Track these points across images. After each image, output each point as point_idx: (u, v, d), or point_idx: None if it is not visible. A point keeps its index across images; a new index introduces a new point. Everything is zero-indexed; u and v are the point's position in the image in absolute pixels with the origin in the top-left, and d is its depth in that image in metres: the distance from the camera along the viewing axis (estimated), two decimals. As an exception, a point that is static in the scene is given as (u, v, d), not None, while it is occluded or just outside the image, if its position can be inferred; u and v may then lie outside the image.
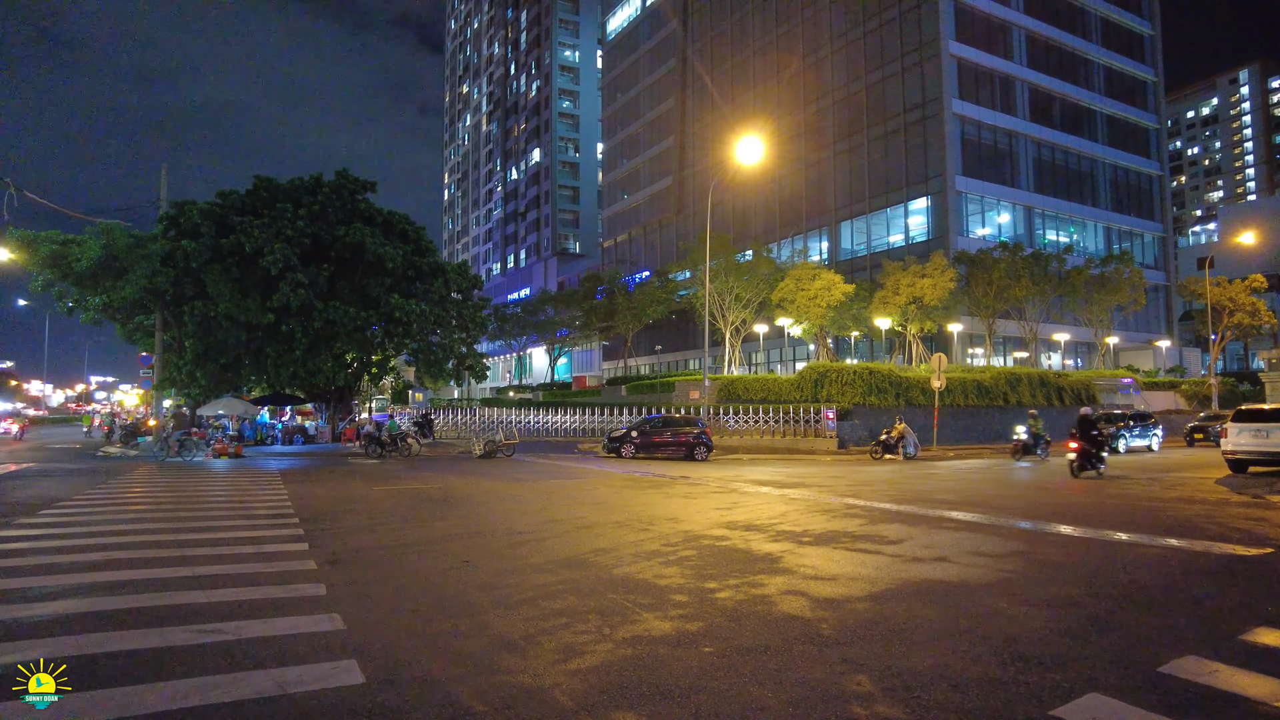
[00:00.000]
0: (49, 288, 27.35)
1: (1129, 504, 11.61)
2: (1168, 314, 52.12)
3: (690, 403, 30.80)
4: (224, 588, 6.16)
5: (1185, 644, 4.62)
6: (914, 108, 43.70)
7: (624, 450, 23.48)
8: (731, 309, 41.73)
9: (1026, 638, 4.74)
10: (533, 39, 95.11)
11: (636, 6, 72.51)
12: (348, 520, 10.13)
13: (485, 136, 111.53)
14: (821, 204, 49.95)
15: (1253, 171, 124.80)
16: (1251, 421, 15.85)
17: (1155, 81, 53.37)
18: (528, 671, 4.19)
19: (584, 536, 8.76)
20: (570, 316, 58.35)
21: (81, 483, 15.18)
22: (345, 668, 4.24)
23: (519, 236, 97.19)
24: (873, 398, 28.27)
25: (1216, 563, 7.13)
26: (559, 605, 5.59)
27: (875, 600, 5.73)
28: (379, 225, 30.10)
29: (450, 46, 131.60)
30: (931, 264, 35.97)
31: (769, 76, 54.87)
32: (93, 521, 9.81)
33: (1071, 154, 47.98)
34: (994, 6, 44.98)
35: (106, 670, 4.22)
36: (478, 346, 35.57)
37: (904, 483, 15.11)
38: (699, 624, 5.10)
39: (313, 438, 32.43)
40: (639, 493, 13.46)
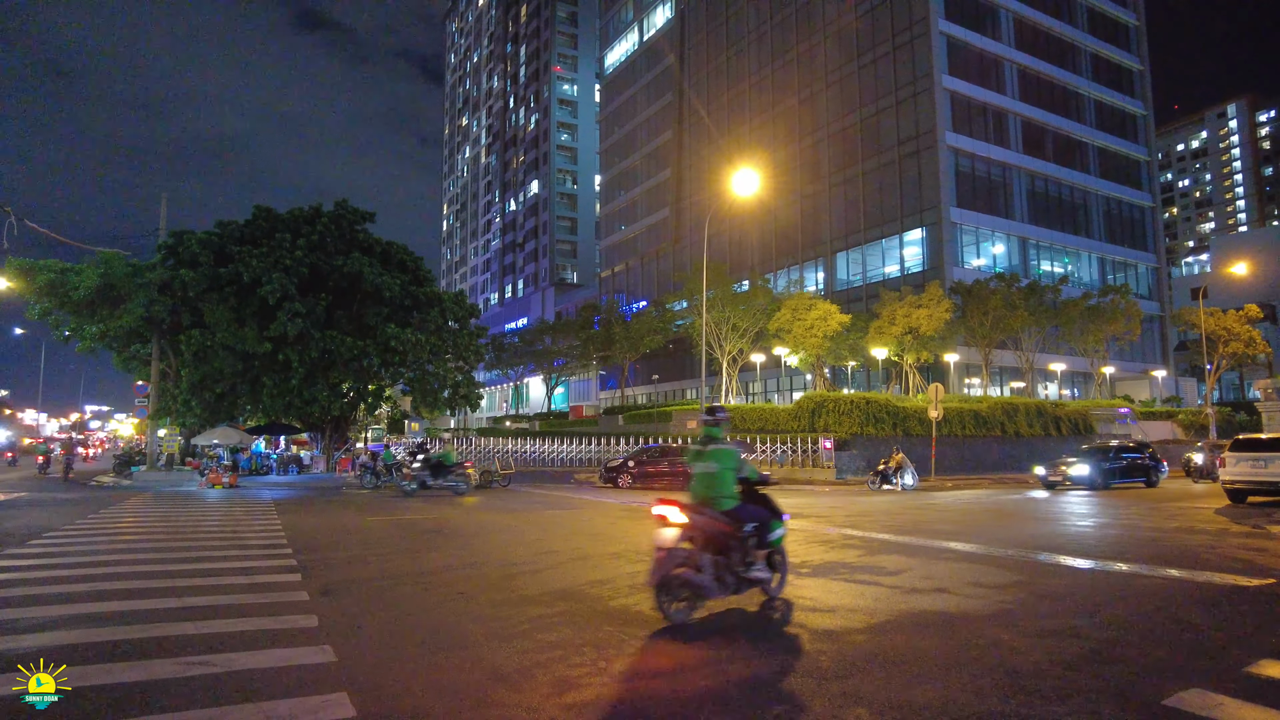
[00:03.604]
0: (46, 316, 27.36)
1: (1129, 534, 11.54)
2: (1163, 344, 52.34)
3: (687, 432, 30.74)
4: (214, 619, 6.07)
5: (1189, 676, 4.55)
6: (908, 140, 44.26)
7: (621, 480, 23.36)
8: (728, 339, 41.83)
9: (1028, 670, 4.68)
10: (532, 73, 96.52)
11: (634, 42, 73.77)
12: (341, 551, 10.03)
13: (484, 168, 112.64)
14: (817, 235, 50.35)
15: (1243, 203, 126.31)
16: (1249, 451, 15.82)
17: (1145, 115, 54.21)
18: (522, 705, 4.11)
19: (580, 568, 8.67)
20: (567, 346, 58.46)
21: (72, 512, 15.04)
22: (336, 701, 4.16)
23: (517, 267, 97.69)
24: (870, 428, 28.22)
25: (1219, 593, 7.07)
26: (554, 638, 5.51)
27: (874, 632, 5.66)
28: (377, 255, 30.27)
29: (450, 80, 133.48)
30: (927, 294, 36.15)
31: (765, 110, 55.64)
32: (82, 552, 9.69)
33: (1064, 185, 48.54)
34: (986, 41, 45.82)
35: (93, 703, 4.13)
36: (475, 375, 35.55)
37: (902, 513, 15.02)
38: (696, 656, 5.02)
39: (307, 467, 32.25)
40: (635, 523, 13.36)
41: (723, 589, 5.90)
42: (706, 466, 6.21)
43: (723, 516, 6.02)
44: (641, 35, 72.58)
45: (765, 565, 6.34)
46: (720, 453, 6.20)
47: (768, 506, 6.49)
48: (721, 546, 5.94)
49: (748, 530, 6.06)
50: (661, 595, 5.79)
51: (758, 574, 6.15)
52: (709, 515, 5.96)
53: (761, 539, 6.24)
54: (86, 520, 13.63)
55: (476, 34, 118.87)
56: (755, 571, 6.13)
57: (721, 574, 5.88)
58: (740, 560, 6.02)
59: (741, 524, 6.06)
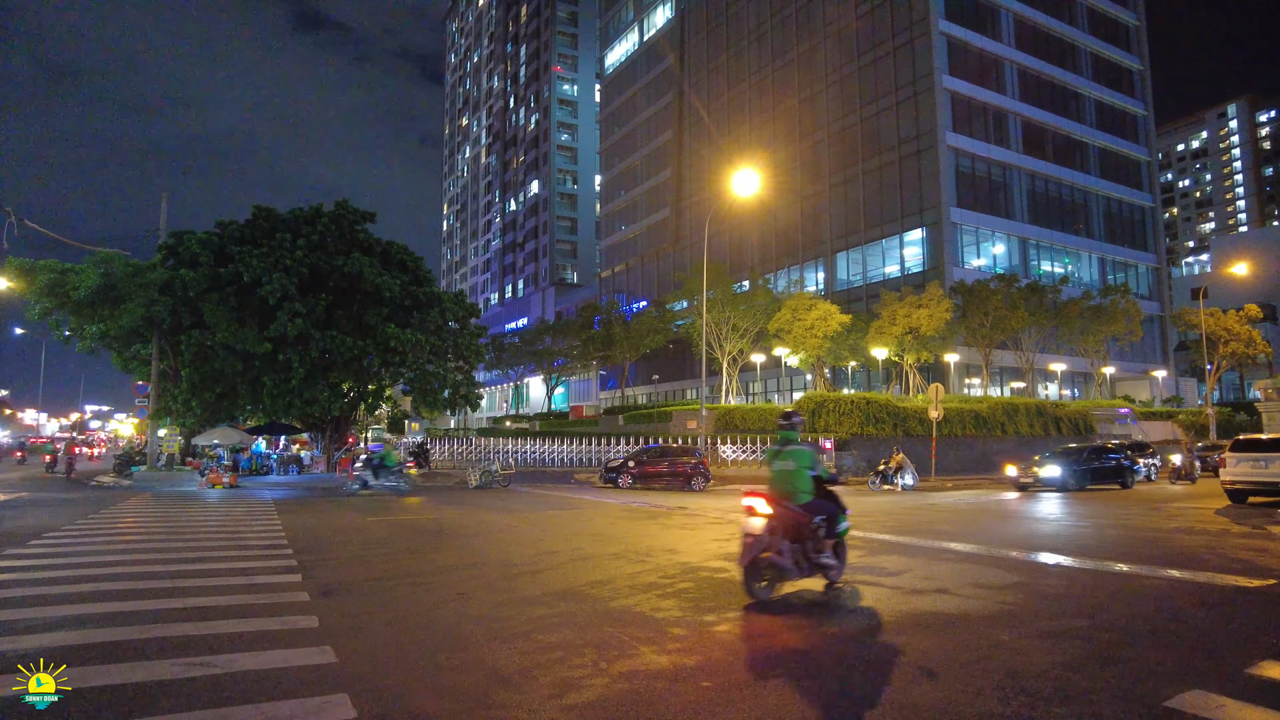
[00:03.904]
0: (46, 316, 27.32)
1: (1129, 535, 11.54)
2: (1163, 344, 52.35)
3: (687, 433, 30.74)
4: (215, 620, 6.06)
5: (1191, 678, 4.55)
6: (909, 140, 44.27)
7: (621, 480, 23.35)
8: (728, 339, 41.83)
9: (1029, 671, 4.67)
10: (532, 73, 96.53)
11: (634, 42, 73.77)
12: (342, 551, 10.03)
13: (484, 168, 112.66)
14: (818, 235, 50.36)
15: (1243, 204, 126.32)
16: (1250, 451, 15.81)
17: (1145, 115, 54.23)
18: (522, 706, 4.11)
19: (580, 568, 8.66)
20: (568, 346, 58.47)
21: (73, 512, 15.03)
22: (336, 702, 4.16)
23: (517, 267, 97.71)
24: (870, 428, 28.22)
25: (1219, 594, 7.06)
26: (554, 639, 5.51)
27: (876, 633, 5.66)
28: (377, 255, 30.24)
29: (450, 80, 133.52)
30: (927, 294, 36.16)
31: (765, 110, 55.65)
32: (83, 552, 9.69)
33: (1064, 186, 48.56)
34: (986, 42, 45.83)
35: (94, 704, 4.13)
36: (475, 376, 35.53)
37: (902, 513, 15.01)
38: (697, 658, 5.02)
39: (308, 467, 32.24)
40: (636, 524, 13.35)
41: (799, 572, 6.74)
42: (784, 465, 6.97)
43: (799, 509, 6.80)
44: (641, 35, 72.58)
45: (832, 553, 7.12)
46: (797, 453, 6.96)
47: (835, 502, 7.23)
48: (798, 535, 6.76)
49: (818, 521, 6.88)
50: (749, 575, 6.62)
51: (826, 560, 7.00)
52: (788, 507, 6.76)
53: (830, 530, 7.04)
54: (87, 520, 13.63)
55: (476, 34, 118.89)
56: (824, 558, 6.97)
57: (798, 559, 6.73)
58: (813, 548, 6.85)
59: (813, 516, 6.86)
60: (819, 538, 6.91)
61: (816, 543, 6.87)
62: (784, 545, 6.61)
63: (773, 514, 6.67)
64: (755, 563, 6.60)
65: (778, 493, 6.85)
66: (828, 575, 7.13)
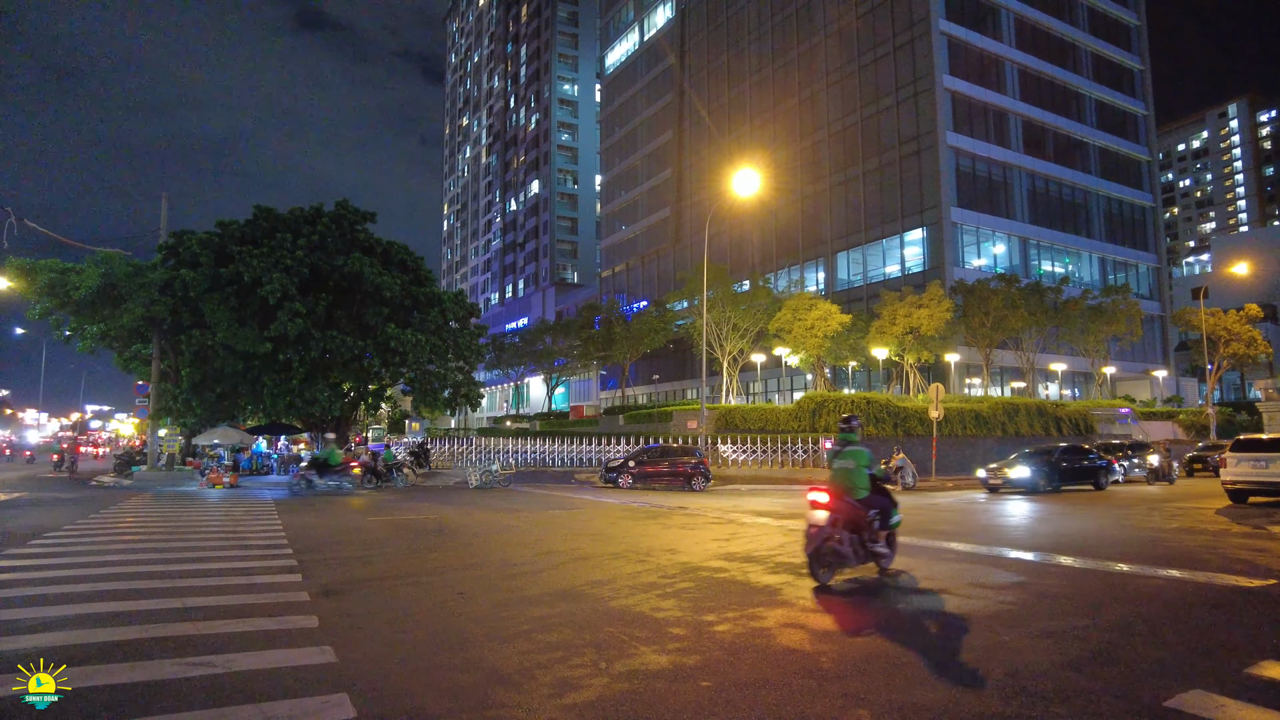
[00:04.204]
0: (46, 316, 27.33)
1: (1130, 535, 11.53)
2: (1164, 344, 52.32)
3: (688, 432, 30.73)
4: (214, 620, 6.06)
5: (1191, 677, 4.55)
6: (909, 140, 44.25)
7: (621, 480, 23.35)
8: (729, 339, 41.82)
9: (1029, 671, 4.67)
10: (532, 73, 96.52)
11: (634, 42, 73.77)
12: (342, 551, 10.03)
13: (485, 168, 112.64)
14: (818, 235, 50.35)
15: (1244, 203, 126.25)
16: (1250, 451, 15.80)
17: (1146, 115, 54.19)
18: (522, 706, 4.11)
19: (580, 568, 8.66)
20: (568, 346, 58.43)
21: (73, 512, 15.04)
22: (336, 702, 4.16)
23: (517, 266, 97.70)
24: (871, 428, 28.21)
25: (1219, 594, 7.06)
26: (554, 638, 5.51)
27: (876, 633, 5.66)
28: (378, 255, 30.24)
29: (450, 79, 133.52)
30: (928, 294, 36.14)
31: (765, 110, 55.64)
32: (83, 552, 9.69)
33: (1065, 185, 48.53)
34: (986, 41, 45.81)
35: (93, 704, 4.13)
36: (475, 375, 35.51)
37: (902, 514, 15.00)
38: (697, 657, 5.02)
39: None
40: (636, 524, 13.35)
41: (856, 559, 7.50)
42: (845, 464, 7.76)
43: (857, 503, 7.60)
44: (642, 35, 72.58)
45: (885, 544, 7.86)
46: (856, 453, 7.76)
47: (888, 498, 7.99)
48: (856, 526, 7.53)
49: (873, 515, 7.66)
50: (814, 561, 7.41)
51: (880, 550, 7.76)
52: (848, 501, 7.55)
53: (883, 522, 7.80)
54: (87, 520, 13.63)
55: (477, 34, 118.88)
56: (878, 548, 7.73)
57: (856, 548, 7.47)
58: (869, 538, 7.61)
59: (869, 510, 7.65)
60: (874, 529, 7.65)
61: (872, 534, 7.62)
62: (844, 535, 7.35)
63: (834, 507, 7.44)
64: (819, 550, 7.37)
65: (838, 488, 7.61)
66: (880, 563, 7.86)
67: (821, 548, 7.36)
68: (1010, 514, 15.13)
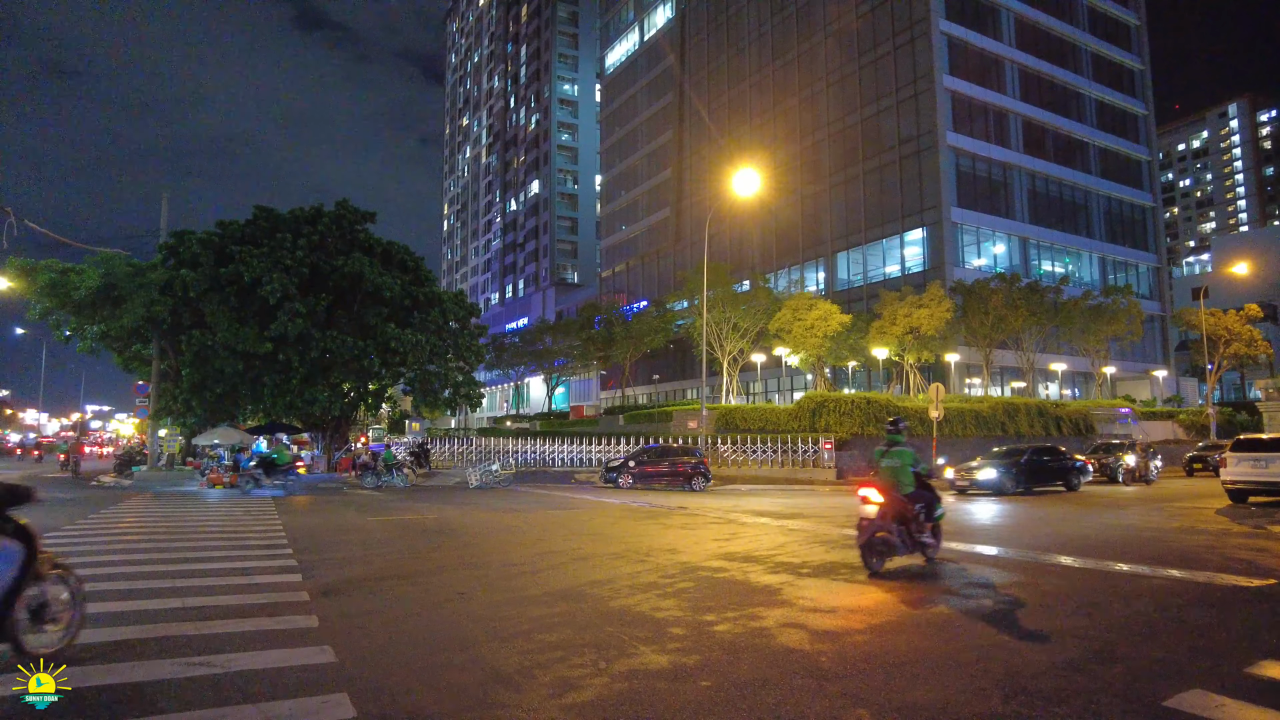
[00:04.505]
0: (47, 316, 27.36)
1: (1129, 535, 11.53)
2: (1164, 344, 52.31)
3: (688, 432, 30.73)
4: (214, 619, 6.07)
5: (1190, 677, 4.55)
6: (909, 140, 44.25)
7: (621, 480, 23.34)
8: (729, 339, 41.82)
9: (1028, 670, 4.67)
10: (532, 73, 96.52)
11: (634, 42, 73.77)
12: (342, 551, 10.03)
13: (485, 168, 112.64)
14: (818, 235, 50.34)
15: (1244, 203, 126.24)
16: (1251, 451, 15.80)
17: (1146, 115, 54.20)
18: (522, 706, 4.11)
19: (580, 568, 8.67)
20: (568, 346, 58.43)
21: (73, 512, 15.04)
22: (336, 701, 4.16)
23: (517, 266, 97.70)
24: (871, 428, 28.20)
25: (1219, 594, 7.06)
26: (554, 638, 5.51)
27: (875, 633, 5.65)
28: (378, 255, 30.26)
29: (451, 79, 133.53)
30: (928, 294, 36.13)
31: (765, 110, 55.64)
32: (83, 552, 9.69)
33: (1065, 185, 48.53)
34: (986, 41, 45.81)
35: (93, 704, 4.13)
36: (475, 375, 35.54)
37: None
38: (696, 657, 5.02)
39: (309, 467, 32.23)
40: (636, 524, 13.36)
41: (905, 549, 8.17)
42: (892, 462, 8.42)
43: (904, 498, 8.26)
44: (642, 35, 72.58)
45: (930, 534, 8.53)
46: (902, 453, 8.44)
47: (932, 493, 8.65)
48: (903, 519, 8.19)
49: (918, 508, 8.33)
50: (866, 551, 8.04)
51: (926, 540, 8.46)
52: (896, 496, 8.20)
53: (928, 515, 8.47)
54: (87, 520, 13.63)
55: (477, 34, 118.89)
56: (924, 538, 8.43)
57: (904, 538, 8.15)
58: (915, 529, 8.28)
59: (915, 504, 8.32)
60: (920, 521, 8.30)
61: (918, 525, 8.26)
62: (893, 527, 8.02)
63: (884, 501, 8.07)
64: (871, 541, 8.00)
65: (886, 484, 8.24)
66: (925, 553, 8.49)
67: (873, 539, 7.99)
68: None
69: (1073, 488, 21.33)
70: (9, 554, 4.69)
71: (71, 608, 5.13)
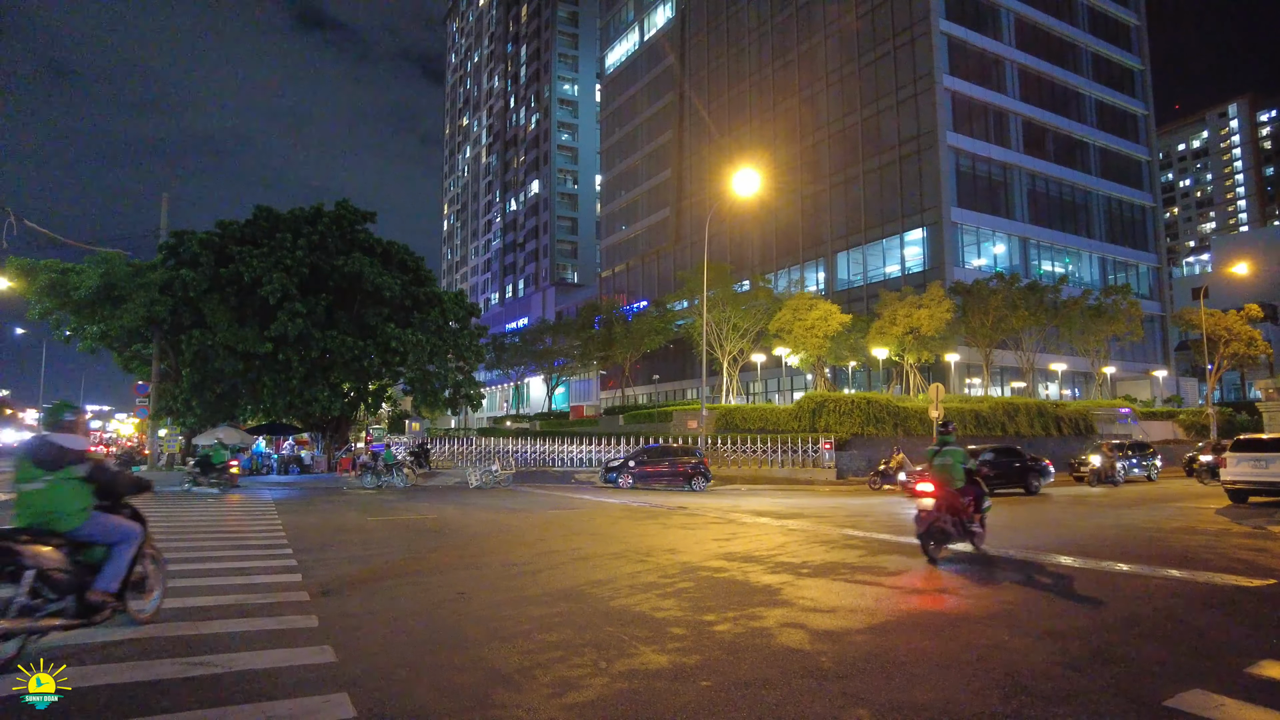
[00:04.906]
0: (47, 316, 27.36)
1: (1129, 535, 11.54)
2: (1164, 344, 52.30)
3: (688, 432, 30.73)
4: (214, 619, 6.07)
5: (1190, 677, 4.55)
6: (909, 140, 44.24)
7: (621, 480, 23.34)
8: (729, 339, 41.82)
9: (1029, 670, 4.67)
10: (532, 73, 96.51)
11: (634, 42, 73.75)
12: (342, 551, 10.03)
13: (485, 168, 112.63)
14: (818, 235, 50.34)
15: (1244, 203, 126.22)
16: (1250, 451, 15.80)
17: (1146, 115, 54.18)
18: (522, 706, 4.11)
19: (580, 568, 8.67)
20: (568, 346, 58.43)
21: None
22: (336, 701, 4.16)
23: (517, 266, 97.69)
24: (870, 428, 28.21)
25: (1219, 594, 7.06)
26: (554, 638, 5.51)
27: (875, 632, 5.65)
28: (378, 255, 30.26)
29: (451, 79, 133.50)
30: (928, 294, 36.13)
31: (765, 110, 55.63)
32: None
33: (1065, 185, 48.52)
34: (987, 41, 45.80)
35: (92, 704, 4.13)
36: (475, 375, 35.54)
37: (903, 514, 15.00)
38: (697, 657, 5.02)
39: (309, 467, 32.25)
40: (636, 523, 13.36)
41: (957, 537, 9.19)
42: (945, 460, 9.41)
43: (956, 492, 9.26)
44: (642, 35, 72.56)
45: (979, 524, 9.48)
46: (953, 452, 9.45)
47: (980, 487, 9.66)
48: (955, 510, 9.16)
49: (968, 501, 9.34)
50: (925, 539, 8.93)
51: (975, 529, 9.43)
52: (949, 490, 9.22)
53: (977, 507, 9.48)
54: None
55: (477, 34, 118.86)
56: (974, 528, 9.40)
57: (957, 527, 9.14)
58: (967, 520, 9.27)
59: (965, 497, 9.33)
60: (970, 513, 9.29)
61: (969, 516, 9.25)
62: (947, 518, 8.99)
63: (938, 495, 9.04)
64: (930, 530, 8.89)
65: (940, 480, 9.21)
66: (974, 541, 9.39)
67: (931, 528, 8.87)
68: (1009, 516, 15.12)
69: (1032, 491, 20.71)
70: (133, 533, 5.59)
71: (160, 580, 6.11)
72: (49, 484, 5.08)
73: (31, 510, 5.09)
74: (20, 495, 5.12)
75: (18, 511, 5.13)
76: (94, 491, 5.35)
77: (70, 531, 5.13)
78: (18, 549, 4.73)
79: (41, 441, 5.21)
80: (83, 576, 5.09)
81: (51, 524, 5.07)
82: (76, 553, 5.16)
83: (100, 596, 5.11)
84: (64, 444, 5.18)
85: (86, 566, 5.18)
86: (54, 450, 5.12)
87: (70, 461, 5.15)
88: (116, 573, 5.27)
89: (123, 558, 5.35)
